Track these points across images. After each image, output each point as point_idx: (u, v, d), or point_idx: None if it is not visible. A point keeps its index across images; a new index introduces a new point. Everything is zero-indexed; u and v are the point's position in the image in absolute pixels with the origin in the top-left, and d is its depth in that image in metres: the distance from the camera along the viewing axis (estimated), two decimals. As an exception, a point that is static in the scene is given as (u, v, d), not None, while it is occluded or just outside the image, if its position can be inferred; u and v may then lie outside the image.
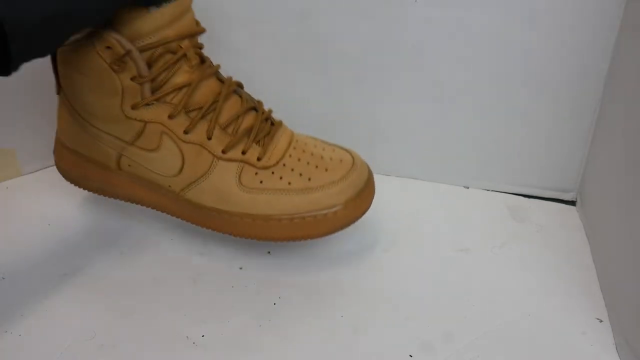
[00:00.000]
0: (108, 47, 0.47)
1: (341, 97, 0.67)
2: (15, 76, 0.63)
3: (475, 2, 0.59)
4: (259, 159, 0.51)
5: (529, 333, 0.50)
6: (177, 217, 0.54)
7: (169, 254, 0.57)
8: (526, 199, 0.67)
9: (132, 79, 0.49)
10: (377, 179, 0.69)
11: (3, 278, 0.54)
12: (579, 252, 0.59)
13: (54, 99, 0.67)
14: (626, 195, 0.52)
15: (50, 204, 0.63)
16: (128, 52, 0.47)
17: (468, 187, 0.69)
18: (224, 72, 0.55)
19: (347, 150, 0.54)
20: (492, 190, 0.68)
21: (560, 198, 0.67)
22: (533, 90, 0.62)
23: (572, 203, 0.67)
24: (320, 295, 0.53)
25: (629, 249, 0.50)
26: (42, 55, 0.45)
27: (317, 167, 0.51)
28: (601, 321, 0.51)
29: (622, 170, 0.54)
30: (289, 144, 0.53)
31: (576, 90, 0.61)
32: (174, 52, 0.49)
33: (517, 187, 0.67)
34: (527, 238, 0.61)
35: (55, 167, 0.70)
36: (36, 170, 0.68)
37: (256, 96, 0.61)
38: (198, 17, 0.64)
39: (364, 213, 0.53)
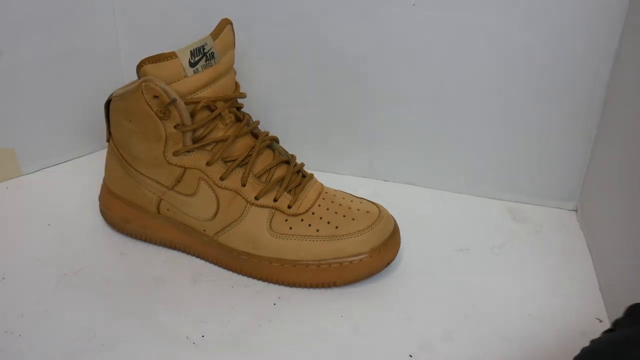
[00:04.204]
0: (155, 96, 0.50)
1: (340, 100, 0.67)
2: (15, 77, 0.64)
3: (474, 5, 0.58)
4: (289, 207, 0.54)
5: (529, 333, 0.50)
6: (210, 260, 0.56)
7: (169, 254, 0.57)
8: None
9: (176, 127, 0.52)
10: (375, 184, 0.69)
11: (3, 278, 0.54)
12: (579, 253, 0.59)
13: (54, 100, 0.67)
14: (627, 204, 0.51)
15: (50, 204, 0.63)
16: (173, 102, 0.50)
17: (467, 195, 0.68)
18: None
19: (374, 203, 0.56)
20: (492, 198, 0.67)
21: (561, 207, 0.66)
22: (534, 97, 0.61)
23: (572, 212, 0.66)
24: (320, 295, 0.53)
25: (628, 253, 0.50)
26: None
27: (344, 216, 0.54)
28: (601, 321, 0.51)
29: (623, 178, 0.53)
30: (319, 194, 0.55)
31: (578, 97, 0.60)
32: (212, 110, 0.53)
33: (517, 195, 0.66)
34: (527, 238, 0.61)
35: (53, 168, 0.70)
36: (36, 170, 0.68)
37: (255, 97, 0.62)
38: (197, 18, 0.65)
39: (389, 262, 0.55)
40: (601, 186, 0.59)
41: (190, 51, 0.50)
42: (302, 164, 0.57)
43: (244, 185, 0.53)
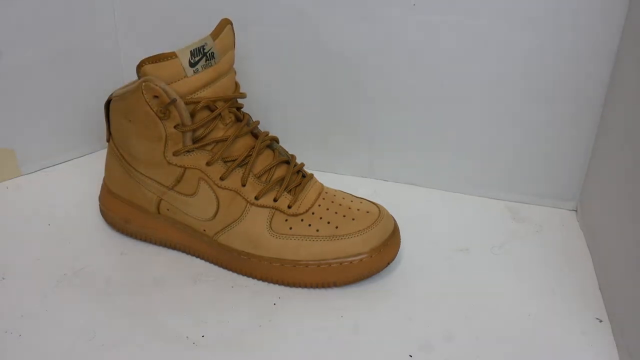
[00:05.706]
0: (155, 96, 0.50)
1: (340, 100, 0.67)
2: (15, 77, 0.64)
3: (475, 6, 0.58)
4: (289, 207, 0.54)
5: (529, 333, 0.50)
6: (210, 260, 0.56)
7: (169, 254, 0.57)
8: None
9: (176, 127, 0.52)
10: (375, 184, 0.69)
11: (3, 278, 0.54)
12: (579, 252, 0.59)
13: (54, 100, 0.67)
14: (627, 204, 0.51)
15: (50, 204, 0.63)
16: (173, 102, 0.50)
17: (467, 195, 0.68)
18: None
19: (374, 203, 0.56)
20: (492, 198, 0.67)
21: (561, 207, 0.65)
22: (533, 97, 0.61)
23: (572, 212, 0.66)
24: (320, 295, 0.53)
25: (628, 253, 0.50)
26: None
27: (344, 216, 0.54)
28: (601, 321, 0.51)
29: (623, 178, 0.53)
30: (319, 194, 0.55)
31: (577, 97, 0.60)
32: (212, 110, 0.53)
33: (517, 196, 0.66)
34: (527, 238, 0.61)
35: (53, 167, 0.70)
36: (36, 170, 0.68)
37: (255, 97, 0.62)
38: (197, 18, 0.65)
39: (389, 262, 0.55)
40: (601, 186, 0.59)
41: (190, 51, 0.50)
42: (302, 164, 0.57)
43: (244, 185, 0.53)
